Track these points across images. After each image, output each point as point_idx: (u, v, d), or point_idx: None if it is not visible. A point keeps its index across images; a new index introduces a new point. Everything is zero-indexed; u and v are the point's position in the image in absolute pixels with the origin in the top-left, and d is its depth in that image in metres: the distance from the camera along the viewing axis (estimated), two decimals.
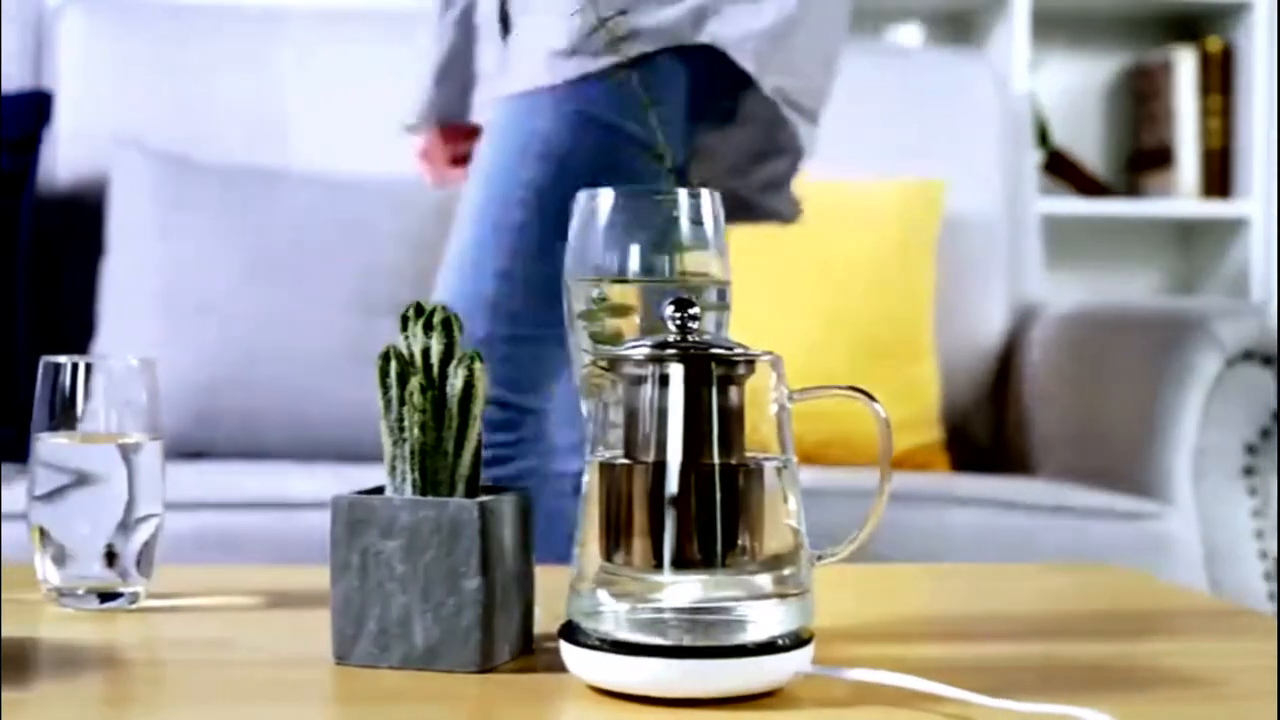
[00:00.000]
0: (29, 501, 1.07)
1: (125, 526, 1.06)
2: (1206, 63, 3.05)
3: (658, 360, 0.84)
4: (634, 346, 0.86)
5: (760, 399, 0.86)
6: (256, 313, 2.20)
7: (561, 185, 1.50)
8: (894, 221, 2.33)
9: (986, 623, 1.08)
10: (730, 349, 0.85)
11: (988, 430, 2.40)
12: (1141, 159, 3.15)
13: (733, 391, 0.85)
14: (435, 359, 0.91)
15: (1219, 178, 3.06)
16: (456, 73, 1.71)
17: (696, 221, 0.96)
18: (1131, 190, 3.15)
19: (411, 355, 0.91)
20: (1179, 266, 3.19)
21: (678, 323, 0.86)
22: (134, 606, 1.06)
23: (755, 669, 0.83)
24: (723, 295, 0.96)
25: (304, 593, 1.13)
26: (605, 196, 0.96)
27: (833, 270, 2.25)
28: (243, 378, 2.17)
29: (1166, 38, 3.15)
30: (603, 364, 0.87)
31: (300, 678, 0.89)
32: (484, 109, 1.66)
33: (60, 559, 1.06)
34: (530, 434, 1.53)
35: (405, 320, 0.93)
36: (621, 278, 0.95)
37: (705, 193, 0.97)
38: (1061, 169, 3.07)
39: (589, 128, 1.51)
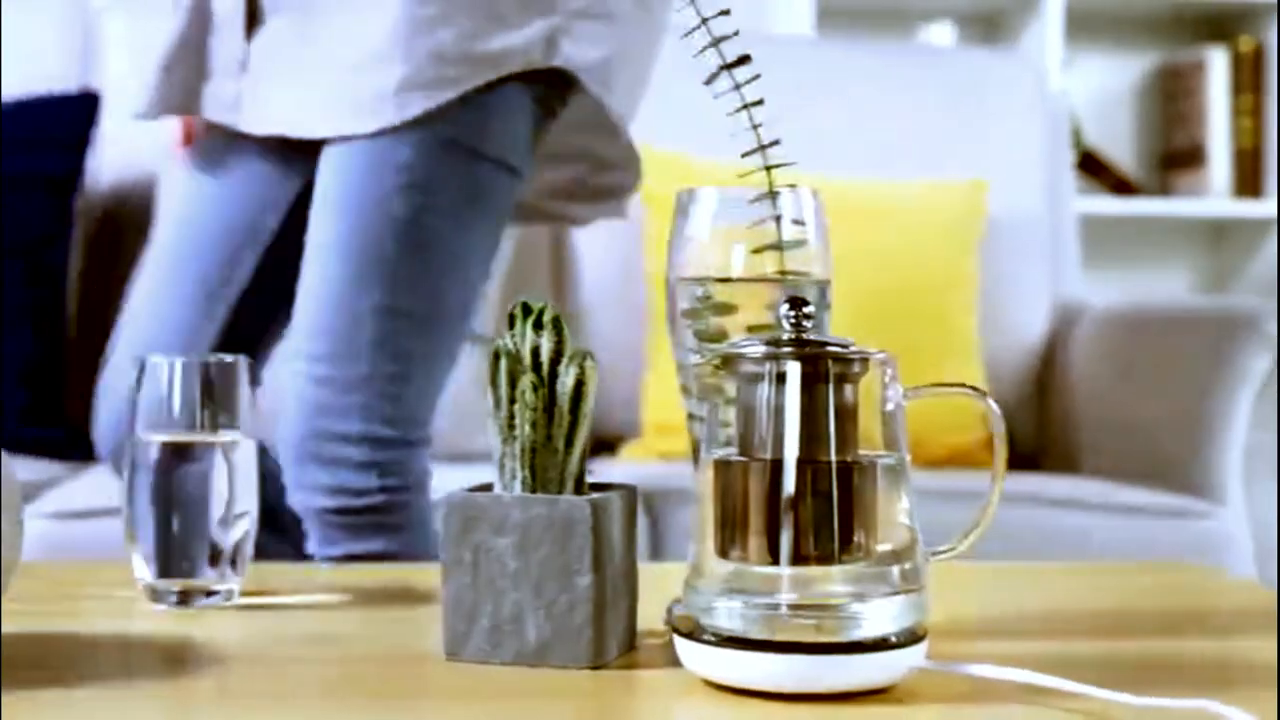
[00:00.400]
0: (125, 499, 1.07)
1: (224, 525, 1.07)
2: (1238, 62, 3.06)
3: (774, 358, 0.85)
4: (749, 344, 0.86)
5: (867, 396, 0.87)
6: None
7: (431, 215, 1.50)
8: (937, 222, 2.34)
9: (1080, 619, 1.09)
10: (846, 347, 0.86)
11: (1031, 429, 2.41)
12: (1173, 158, 3.16)
13: (847, 389, 0.85)
14: (545, 357, 0.91)
15: (1251, 177, 3.06)
16: (186, 63, 1.60)
17: (798, 221, 0.97)
18: (1163, 190, 3.15)
19: (519, 353, 0.92)
20: (1210, 266, 3.20)
21: (792, 321, 0.86)
22: (229, 604, 1.07)
23: (871, 665, 0.83)
24: (824, 294, 0.97)
25: (394, 589, 1.14)
26: (705, 195, 0.97)
27: (877, 271, 2.25)
28: None
29: (1198, 37, 3.15)
30: (716, 362, 0.87)
31: (412, 673, 0.90)
32: (222, 106, 1.58)
33: (157, 557, 1.06)
34: (419, 469, 1.53)
35: (512, 319, 0.93)
36: (725, 276, 0.96)
37: (807, 191, 0.97)
38: (1093, 168, 3.08)
39: (452, 157, 1.51)
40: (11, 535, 0.87)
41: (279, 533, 1.49)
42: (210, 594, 1.07)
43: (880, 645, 0.83)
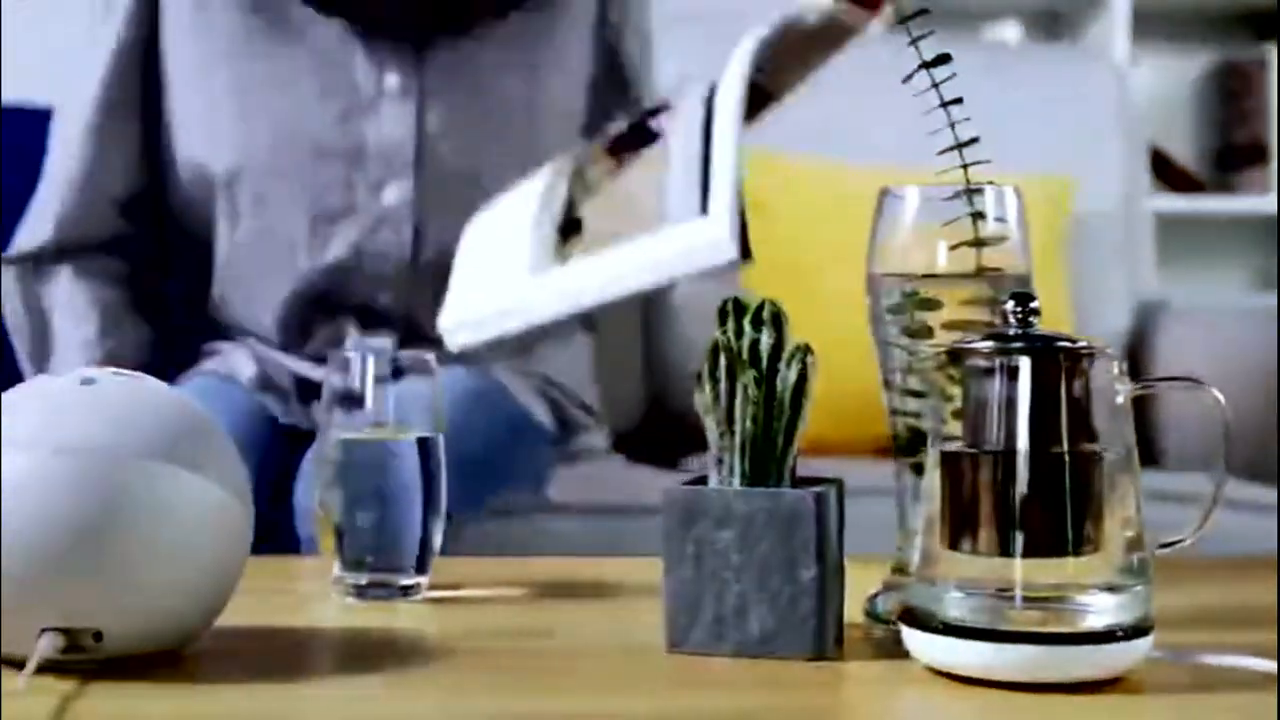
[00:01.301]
0: (320, 495, 1.09)
1: (415, 519, 1.08)
2: None
3: (1005, 353, 0.86)
4: (977, 340, 0.88)
5: (1093, 389, 0.88)
6: None
7: None
8: (1027, 219, 2.34)
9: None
10: (1074, 341, 0.87)
11: None
12: (1234, 156, 3.17)
13: (1077, 383, 0.86)
14: (764, 352, 0.93)
15: None
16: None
17: (1000, 219, 0.98)
18: (1223, 187, 3.16)
19: (737, 349, 0.93)
20: (1267, 264, 3.21)
21: (1019, 315, 0.88)
22: (419, 598, 1.08)
23: (1104, 655, 0.84)
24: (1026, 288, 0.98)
25: (575, 583, 1.15)
26: (908, 193, 0.98)
27: None
28: None
29: (1260, 35, 3.16)
30: (944, 357, 0.89)
31: (636, 665, 0.91)
32: None
33: (350, 552, 1.08)
34: None
35: (723, 314, 0.94)
36: (929, 273, 0.97)
37: (1009, 188, 0.99)
38: (1154, 165, 3.09)
39: None
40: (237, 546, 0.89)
41: None
42: (402, 588, 1.08)
43: (1110, 636, 0.85)
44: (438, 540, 1.09)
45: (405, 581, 1.08)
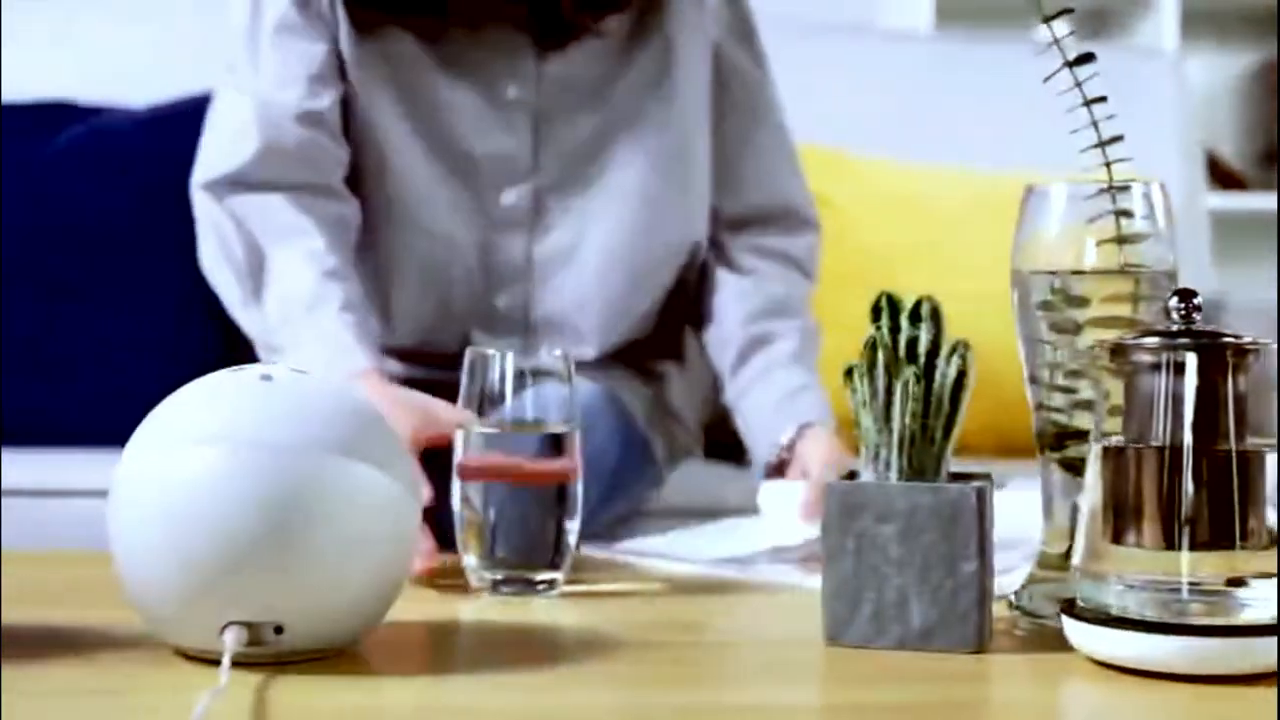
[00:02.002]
0: (459, 491, 1.09)
1: (551, 516, 1.09)
2: None
3: (1172, 349, 0.87)
4: (1142, 336, 0.89)
5: (1257, 384, 0.89)
6: None
7: None
8: None
9: None
10: (1238, 337, 0.88)
11: None
12: (1278, 153, 3.18)
13: (1241, 378, 0.88)
14: (922, 349, 0.94)
15: None
16: None
17: (1147, 216, 0.99)
18: (1267, 185, 3.17)
19: (894, 345, 0.94)
20: None
21: (1182, 312, 0.89)
22: (555, 594, 1.09)
23: (1268, 648, 0.85)
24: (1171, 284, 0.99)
25: (710, 579, 1.16)
26: (1055, 192, 0.99)
27: None
28: None
29: None
30: (1101, 353, 0.90)
31: (796, 657, 0.92)
32: None
33: (488, 547, 1.09)
34: None
35: (877, 310, 0.95)
36: (1077, 269, 0.98)
37: (1156, 185, 1.00)
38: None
39: None
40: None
41: None
42: (538, 584, 1.09)
43: (1275, 629, 0.85)
44: (574, 537, 1.10)
45: (542, 577, 1.09)
